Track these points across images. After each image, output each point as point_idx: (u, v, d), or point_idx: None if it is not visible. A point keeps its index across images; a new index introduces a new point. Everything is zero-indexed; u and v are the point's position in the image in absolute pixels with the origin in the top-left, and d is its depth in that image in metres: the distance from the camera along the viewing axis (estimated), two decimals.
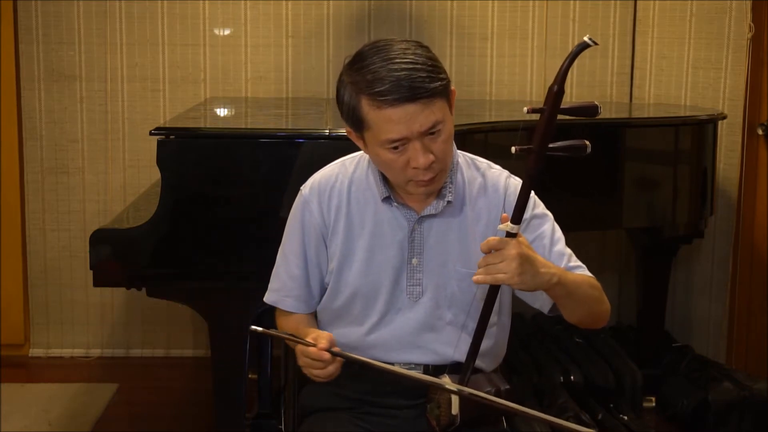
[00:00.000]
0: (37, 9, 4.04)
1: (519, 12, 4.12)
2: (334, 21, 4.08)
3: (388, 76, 1.78)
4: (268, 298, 2.09)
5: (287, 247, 2.06)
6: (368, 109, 1.82)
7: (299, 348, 1.86)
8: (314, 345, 1.83)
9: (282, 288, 2.06)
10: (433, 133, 1.84)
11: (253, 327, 1.83)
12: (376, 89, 1.79)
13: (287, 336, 1.86)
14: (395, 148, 1.84)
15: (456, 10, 4.10)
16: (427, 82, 1.79)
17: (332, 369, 1.84)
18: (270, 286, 2.10)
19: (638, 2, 4.12)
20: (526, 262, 1.76)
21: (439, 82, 1.82)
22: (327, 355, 1.82)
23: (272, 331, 1.88)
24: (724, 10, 3.88)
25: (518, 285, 1.78)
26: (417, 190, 1.92)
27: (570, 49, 1.71)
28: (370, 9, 4.09)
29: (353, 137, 1.93)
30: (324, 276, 2.05)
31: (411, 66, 1.79)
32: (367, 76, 1.81)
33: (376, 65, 1.80)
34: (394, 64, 1.79)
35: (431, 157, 1.84)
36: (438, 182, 1.91)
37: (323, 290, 2.06)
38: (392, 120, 1.80)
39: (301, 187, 2.06)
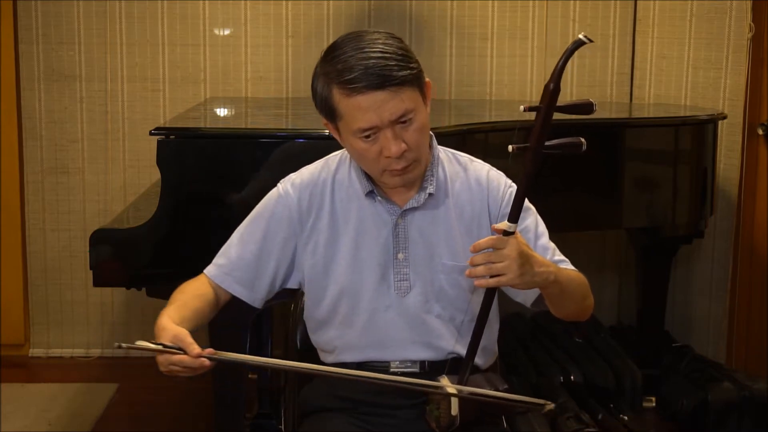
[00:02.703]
0: (37, 9, 4.04)
1: (519, 12, 4.12)
2: (334, 21, 4.08)
3: (357, 64, 1.80)
4: (209, 270, 2.04)
5: (247, 229, 2.03)
6: (339, 98, 1.84)
7: (162, 357, 1.76)
8: (183, 352, 1.75)
9: (227, 265, 2.02)
10: (404, 122, 1.84)
11: (118, 343, 1.71)
12: (346, 77, 1.81)
13: (155, 348, 1.73)
14: (367, 137, 1.85)
15: (456, 10, 4.10)
16: (396, 70, 1.80)
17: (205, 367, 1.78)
18: (215, 260, 2.05)
19: (638, 2, 4.12)
20: (526, 261, 1.76)
21: (409, 71, 1.82)
22: (207, 363, 1.76)
23: (137, 345, 1.73)
24: (724, 10, 3.88)
25: (519, 285, 1.78)
26: (392, 181, 1.92)
27: (565, 47, 1.71)
28: (370, 9, 4.09)
29: (330, 128, 1.94)
30: (278, 273, 2.01)
31: (380, 55, 1.80)
32: (337, 65, 1.82)
33: (346, 54, 1.82)
34: (363, 52, 1.81)
35: (403, 145, 1.85)
36: (413, 172, 1.91)
37: (270, 290, 2.03)
38: (362, 108, 1.82)
39: (281, 180, 2.04)
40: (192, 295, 1.99)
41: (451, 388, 1.85)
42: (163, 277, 2.67)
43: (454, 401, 1.84)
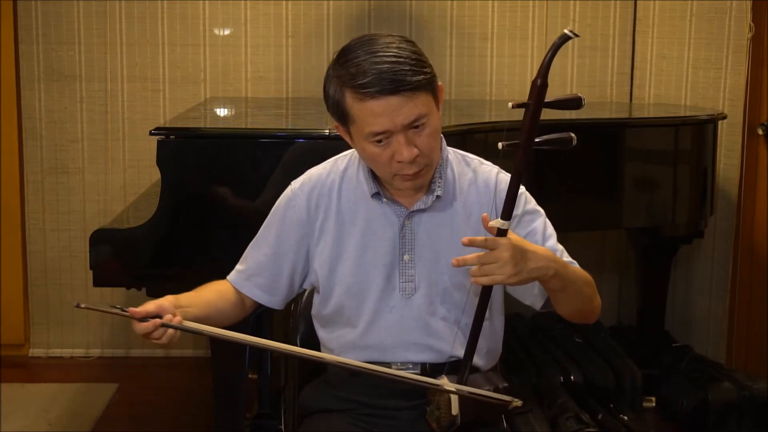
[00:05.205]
0: (37, 9, 4.04)
1: (519, 12, 4.12)
2: (334, 21, 4.08)
3: (370, 69, 1.79)
4: (230, 277, 2.08)
5: (262, 234, 2.07)
6: (352, 102, 1.83)
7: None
8: (130, 316, 1.86)
9: (245, 270, 2.06)
10: (417, 127, 1.84)
11: (77, 303, 1.84)
12: (359, 82, 1.80)
13: (109, 310, 1.86)
14: (379, 141, 1.84)
15: (456, 10, 4.10)
16: (409, 75, 1.79)
17: (165, 338, 1.90)
18: (236, 266, 2.09)
19: (638, 2, 4.12)
20: (520, 260, 1.76)
21: (422, 76, 1.82)
22: (144, 327, 1.88)
23: (95, 307, 1.88)
24: (724, 10, 3.88)
25: (515, 283, 1.79)
26: (403, 185, 1.92)
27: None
28: (370, 9, 4.09)
29: (341, 131, 1.93)
30: (296, 274, 2.04)
31: (394, 59, 1.80)
32: (350, 69, 1.82)
33: (359, 59, 1.81)
34: (377, 57, 1.80)
35: (415, 150, 1.84)
36: (424, 177, 1.91)
37: (289, 291, 2.06)
38: (375, 113, 1.81)
39: (293, 181, 2.06)
40: (211, 289, 2.04)
41: (451, 387, 1.85)
42: (163, 277, 2.67)
43: (455, 401, 1.85)
